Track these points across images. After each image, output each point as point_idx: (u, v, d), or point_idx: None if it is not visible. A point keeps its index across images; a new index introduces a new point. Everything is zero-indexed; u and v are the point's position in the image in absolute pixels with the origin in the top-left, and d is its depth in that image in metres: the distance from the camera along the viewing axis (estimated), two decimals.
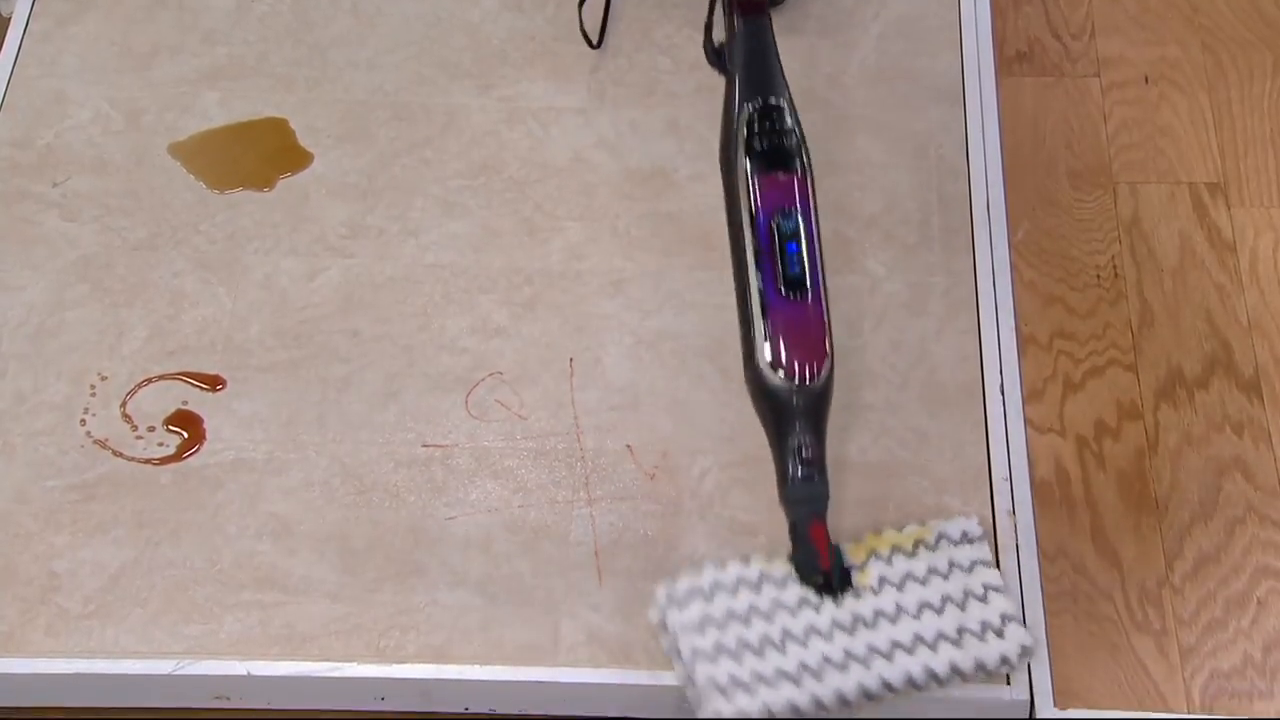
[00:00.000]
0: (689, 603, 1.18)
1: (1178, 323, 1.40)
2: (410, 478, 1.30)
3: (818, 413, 1.17)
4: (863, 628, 1.17)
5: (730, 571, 1.20)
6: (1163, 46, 1.60)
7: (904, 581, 1.19)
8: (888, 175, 1.48)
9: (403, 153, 1.51)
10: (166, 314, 1.39)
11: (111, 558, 1.25)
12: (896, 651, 1.16)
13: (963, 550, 1.22)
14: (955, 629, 1.17)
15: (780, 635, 1.16)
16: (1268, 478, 1.30)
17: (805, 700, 1.13)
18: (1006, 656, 1.16)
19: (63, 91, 1.55)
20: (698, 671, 1.15)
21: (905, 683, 1.15)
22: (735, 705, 1.13)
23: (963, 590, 1.19)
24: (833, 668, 1.15)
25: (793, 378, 1.16)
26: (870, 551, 1.21)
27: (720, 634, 1.16)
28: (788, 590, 1.19)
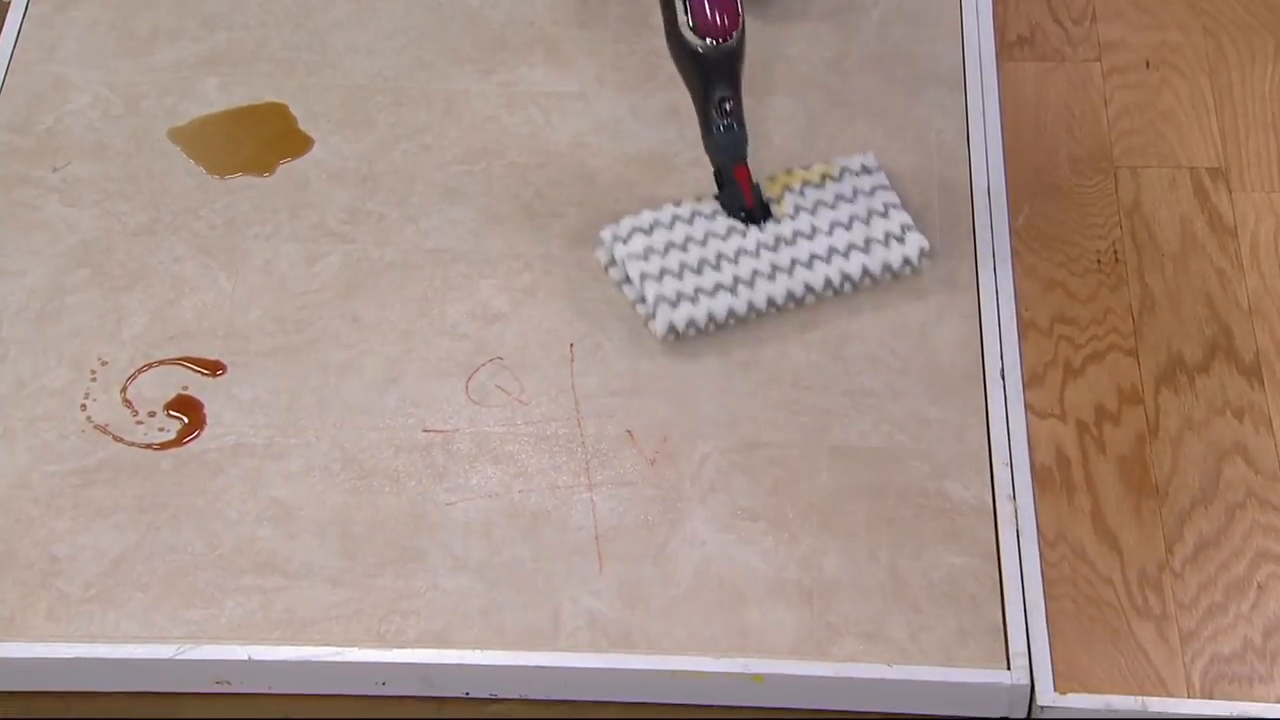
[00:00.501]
0: (632, 238, 1.37)
1: (1178, 307, 1.40)
2: (411, 463, 1.30)
3: (734, 69, 1.34)
4: (784, 245, 1.37)
5: (665, 211, 1.38)
6: (1164, 31, 1.59)
7: (816, 207, 1.39)
8: (888, 160, 1.47)
9: (403, 138, 1.50)
10: (167, 299, 1.39)
11: (112, 542, 1.25)
12: (815, 262, 1.36)
13: (864, 179, 1.41)
14: (863, 240, 1.37)
15: (715, 256, 1.36)
16: (1268, 462, 1.30)
17: (740, 305, 1.34)
18: (908, 258, 1.37)
19: (62, 76, 1.55)
20: (647, 290, 1.34)
21: (824, 285, 1.35)
22: (682, 313, 1.33)
23: (866, 210, 1.39)
24: (762, 278, 1.35)
25: (712, 38, 1.32)
26: (784, 186, 1.40)
27: (662, 260, 1.35)
28: (716, 222, 1.38)
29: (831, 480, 1.28)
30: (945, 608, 1.22)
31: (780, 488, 1.28)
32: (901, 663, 1.19)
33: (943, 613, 1.21)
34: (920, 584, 1.23)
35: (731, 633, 1.21)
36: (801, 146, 1.49)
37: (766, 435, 1.31)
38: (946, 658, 1.20)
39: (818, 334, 1.37)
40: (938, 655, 1.20)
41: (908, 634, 1.21)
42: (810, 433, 1.31)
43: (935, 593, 1.22)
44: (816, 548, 1.25)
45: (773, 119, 1.51)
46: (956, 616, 1.21)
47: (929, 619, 1.21)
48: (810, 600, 1.22)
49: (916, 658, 1.19)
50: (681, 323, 1.33)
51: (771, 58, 1.56)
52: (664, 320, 1.33)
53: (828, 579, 1.23)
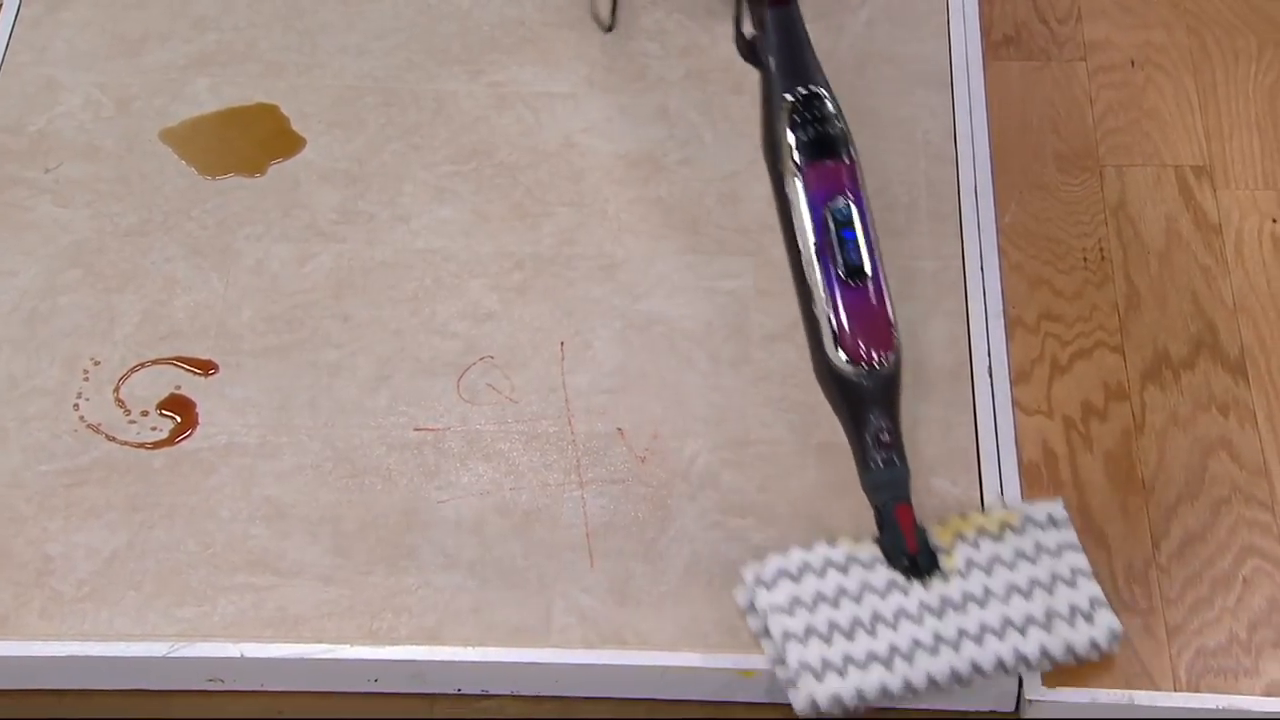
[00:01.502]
0: (777, 584, 1.18)
1: (1164, 304, 1.41)
2: (402, 461, 1.30)
3: (891, 397, 1.19)
4: (951, 611, 1.16)
5: (817, 553, 1.19)
6: (1148, 30, 1.61)
7: (991, 565, 1.19)
8: (876, 160, 1.48)
9: (393, 138, 1.51)
10: (159, 299, 1.40)
11: (105, 541, 1.26)
12: (986, 635, 1.15)
13: (1049, 534, 1.21)
14: (1044, 613, 1.17)
15: (870, 617, 1.16)
16: (1253, 458, 1.31)
17: (896, 683, 1.13)
18: (1096, 641, 1.16)
19: (53, 78, 1.55)
20: (789, 653, 1.15)
21: (995, 666, 1.15)
22: (828, 687, 1.13)
23: (1050, 574, 1.18)
24: (923, 650, 1.15)
25: (864, 364, 1.18)
26: (956, 534, 1.21)
27: (810, 616, 1.16)
28: (875, 572, 1.18)
29: (820, 477, 1.29)
30: None
31: (769, 485, 1.29)
32: None
33: None
34: None
35: (721, 628, 1.22)
36: None
37: (755, 433, 1.32)
38: None
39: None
40: None
41: None
42: (799, 430, 1.32)
43: None
44: (805, 544, 1.25)
45: (760, 120, 1.51)
46: None
47: None
48: None
49: None
50: (826, 701, 1.13)
51: None
52: (806, 696, 1.13)
53: None
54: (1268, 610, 1.23)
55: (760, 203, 1.46)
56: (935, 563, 1.19)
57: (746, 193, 1.47)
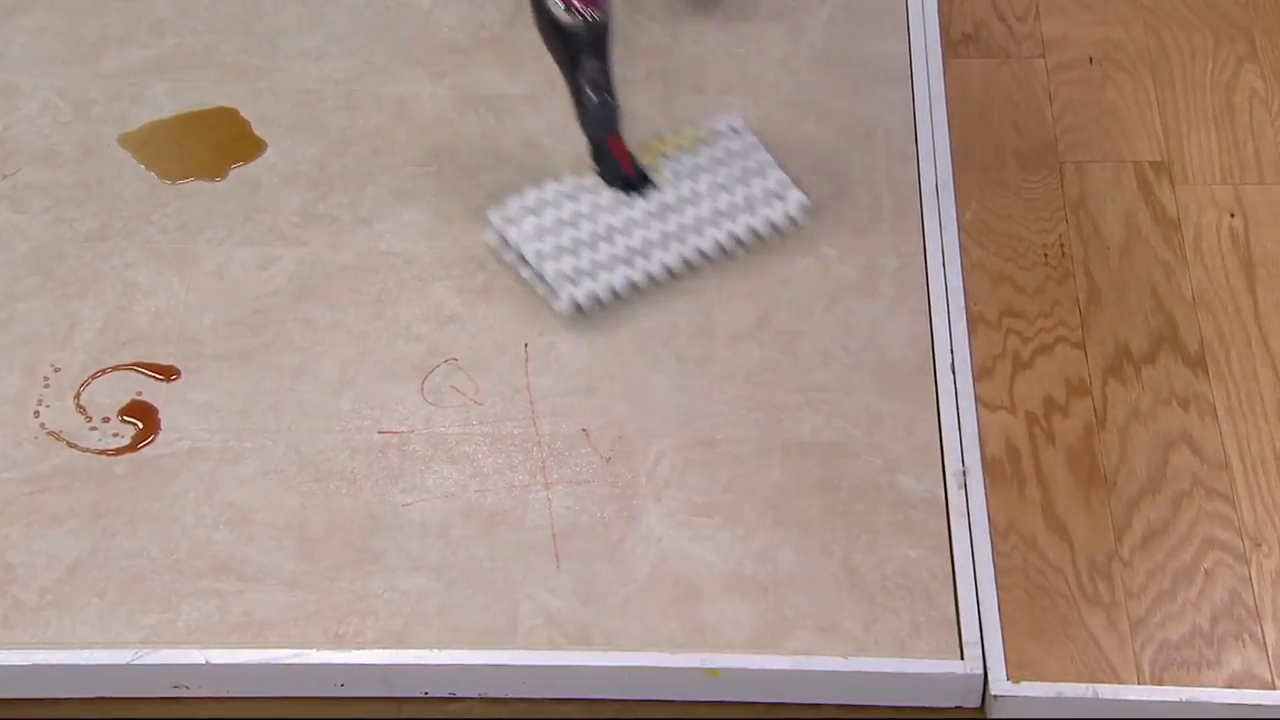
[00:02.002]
0: (522, 219, 1.39)
1: (1124, 300, 1.41)
2: (367, 464, 1.30)
3: (604, 44, 1.35)
4: (671, 213, 1.40)
5: (549, 189, 1.41)
6: (1106, 27, 1.62)
7: (694, 172, 1.43)
8: (837, 158, 1.49)
9: (354, 141, 1.51)
10: (119, 305, 1.39)
11: (67, 549, 1.25)
12: (704, 226, 1.39)
13: (735, 141, 1.45)
14: (745, 200, 1.41)
15: (606, 230, 1.39)
16: (1214, 451, 1.32)
17: (639, 276, 1.37)
18: (790, 214, 1.41)
19: (11, 83, 1.54)
20: (546, 270, 1.36)
21: (715, 248, 1.38)
22: (584, 288, 1.35)
23: (743, 170, 1.43)
24: (655, 247, 1.38)
25: (579, 15, 1.33)
26: (659, 153, 1.43)
27: (556, 238, 1.38)
28: (602, 195, 1.41)
29: (785, 475, 1.30)
30: (899, 600, 1.23)
31: (735, 484, 1.29)
32: (856, 655, 1.20)
33: (896, 605, 1.23)
34: (874, 577, 1.24)
35: (688, 628, 1.22)
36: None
37: (721, 432, 1.32)
38: (901, 649, 1.21)
39: (770, 330, 1.38)
40: (892, 647, 1.21)
41: (862, 626, 1.22)
42: (764, 429, 1.32)
43: (889, 585, 1.24)
44: (771, 542, 1.26)
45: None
46: (910, 608, 1.23)
47: (883, 611, 1.22)
48: (765, 594, 1.23)
49: (871, 650, 1.21)
50: (584, 299, 1.35)
51: (720, 57, 1.57)
52: (567, 297, 1.35)
53: (782, 573, 1.24)
54: (1229, 603, 1.24)
55: None
56: (648, 180, 1.41)
57: None
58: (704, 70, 1.57)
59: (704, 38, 1.59)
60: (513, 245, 1.38)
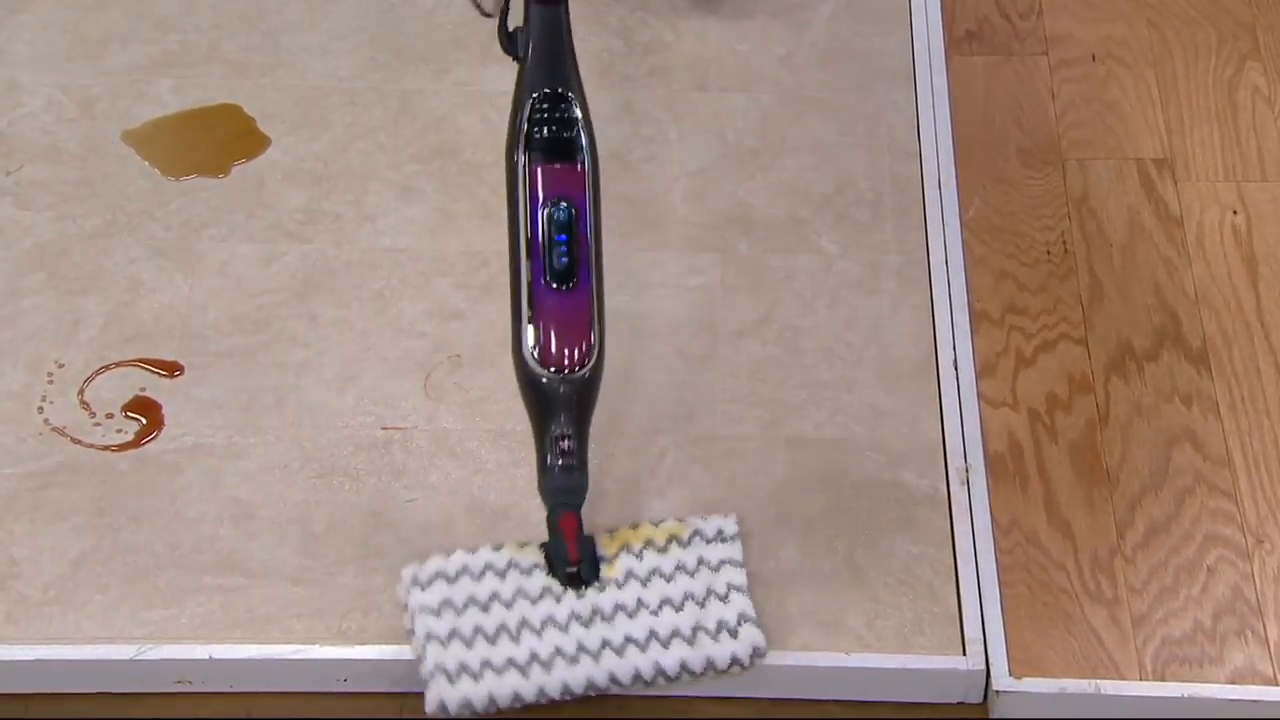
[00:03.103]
0: (432, 585, 1.19)
1: (1127, 297, 1.41)
2: (370, 460, 1.30)
3: (581, 405, 1.18)
4: (600, 621, 1.18)
5: (479, 556, 1.21)
6: (1109, 24, 1.62)
7: (650, 577, 1.20)
8: (840, 155, 1.49)
9: (358, 138, 1.51)
10: (123, 301, 1.39)
11: (71, 544, 1.25)
12: (629, 647, 1.17)
13: (714, 548, 1.22)
14: (691, 627, 1.18)
15: (517, 624, 1.17)
16: (1216, 448, 1.32)
17: (530, 690, 1.15)
18: (737, 657, 1.17)
19: (14, 80, 1.54)
20: (428, 655, 1.16)
21: (632, 678, 1.16)
22: (459, 691, 1.15)
23: (706, 589, 1.20)
24: (563, 659, 1.16)
25: (556, 369, 1.17)
26: (623, 545, 1.22)
27: (457, 619, 1.18)
28: (532, 579, 1.20)
29: (788, 472, 1.30)
30: (901, 596, 1.23)
31: (738, 480, 1.29)
32: (859, 651, 1.20)
33: (899, 601, 1.23)
34: (877, 573, 1.24)
35: None
36: (755, 142, 1.50)
37: (724, 428, 1.32)
38: (903, 645, 1.21)
39: (772, 327, 1.38)
40: (895, 643, 1.21)
41: (865, 622, 1.22)
42: (767, 425, 1.32)
43: (891, 581, 1.24)
44: (774, 538, 1.26)
45: (725, 115, 1.52)
46: (913, 604, 1.23)
47: (886, 607, 1.23)
48: (768, 590, 1.23)
49: (874, 645, 1.21)
50: (455, 704, 1.15)
51: (723, 54, 1.58)
52: (435, 698, 1.15)
53: (785, 569, 1.24)
54: (1231, 599, 1.24)
55: (727, 199, 1.46)
56: (596, 573, 1.20)
57: (713, 189, 1.47)
58: (706, 67, 1.57)
59: (706, 34, 1.59)
60: (409, 611, 1.19)
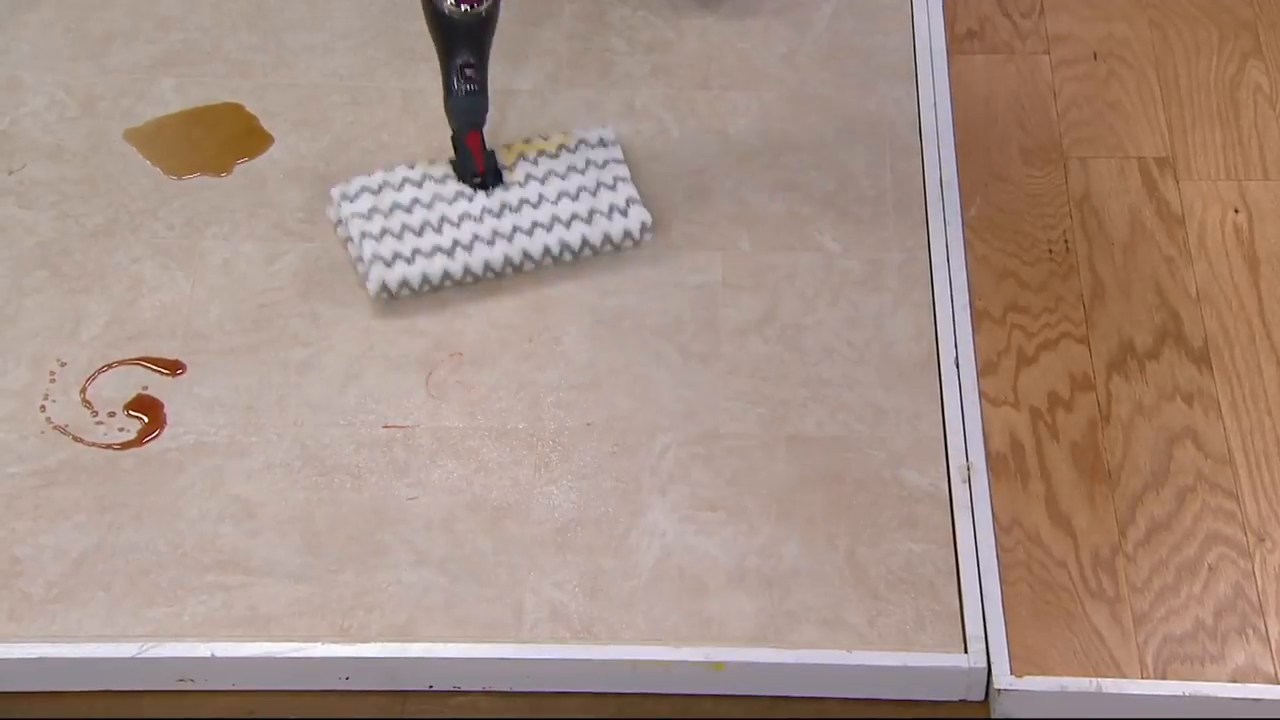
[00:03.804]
0: (359, 196, 1.40)
1: (1128, 295, 1.41)
2: (372, 459, 1.30)
3: (482, 36, 1.36)
4: (509, 212, 1.39)
5: (397, 173, 1.41)
6: (1111, 23, 1.62)
7: (546, 176, 1.42)
8: (841, 153, 1.49)
9: (360, 136, 1.51)
10: (125, 299, 1.39)
11: (74, 543, 1.25)
12: (536, 229, 1.38)
13: (598, 151, 1.43)
14: (587, 211, 1.39)
15: (438, 219, 1.38)
16: (1218, 446, 1.32)
17: (456, 267, 1.36)
18: (629, 231, 1.39)
19: (17, 79, 1.54)
20: (364, 248, 1.36)
21: (542, 253, 1.37)
22: (395, 272, 1.35)
23: (595, 181, 1.41)
24: (481, 243, 1.37)
25: (460, 3, 1.33)
26: (519, 154, 1.43)
27: (385, 220, 1.38)
28: (447, 185, 1.41)
29: (790, 470, 1.30)
30: (903, 594, 1.23)
31: (739, 478, 1.29)
32: (860, 648, 1.21)
33: (900, 599, 1.23)
34: (878, 570, 1.24)
35: (692, 622, 1.22)
36: (756, 140, 1.50)
37: (725, 426, 1.32)
38: (905, 643, 1.21)
39: (774, 325, 1.38)
40: (896, 640, 1.21)
41: (866, 620, 1.22)
42: (768, 423, 1.32)
43: (893, 579, 1.24)
44: (775, 536, 1.26)
45: (727, 114, 1.53)
46: (914, 602, 1.23)
47: (887, 605, 1.23)
48: (770, 588, 1.23)
49: (875, 643, 1.21)
50: (394, 282, 1.35)
51: (724, 52, 1.58)
52: (376, 279, 1.35)
53: (787, 567, 1.25)
54: (1233, 597, 1.24)
55: (728, 197, 1.46)
56: (500, 178, 1.41)
57: (715, 187, 1.47)
58: (708, 65, 1.57)
59: (708, 33, 1.59)
60: (343, 221, 1.39)
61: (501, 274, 1.37)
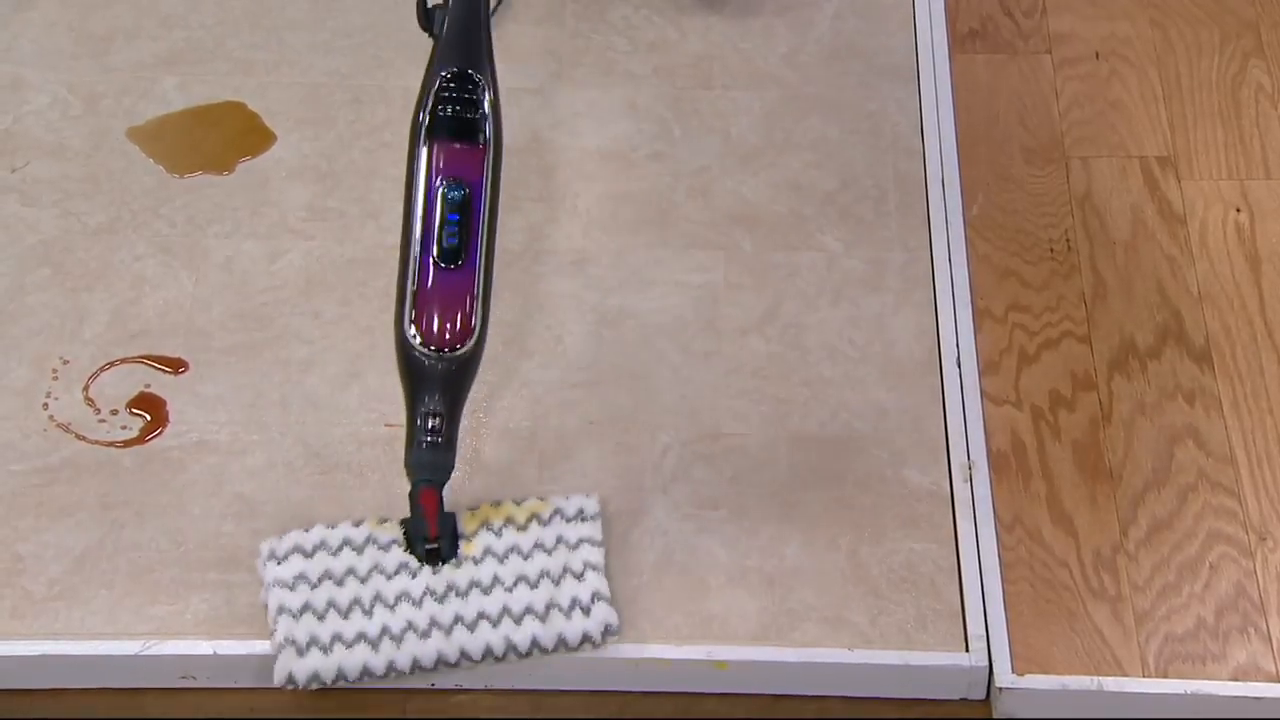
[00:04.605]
0: (289, 559, 1.21)
1: (1130, 294, 1.42)
2: (374, 457, 1.30)
3: (455, 384, 1.18)
4: (454, 596, 1.19)
5: (338, 532, 1.23)
6: (1113, 23, 1.62)
7: (507, 554, 1.22)
8: (843, 153, 1.49)
9: (362, 135, 1.51)
10: (128, 298, 1.39)
11: (76, 540, 1.25)
12: (481, 622, 1.18)
13: (574, 527, 1.24)
14: (545, 604, 1.19)
15: (371, 598, 1.19)
16: (1219, 445, 1.32)
17: (379, 664, 1.17)
18: (589, 634, 1.18)
19: (20, 77, 1.55)
20: (279, 628, 1.17)
21: (484, 653, 1.18)
22: (308, 663, 1.16)
23: (562, 567, 1.21)
24: (414, 634, 1.18)
25: (433, 346, 1.17)
26: (483, 522, 1.23)
27: (310, 593, 1.19)
28: (390, 554, 1.21)
29: (791, 469, 1.30)
30: (904, 592, 1.23)
31: (741, 477, 1.29)
32: (862, 647, 1.21)
33: (902, 597, 1.23)
34: (880, 569, 1.24)
35: (694, 620, 1.22)
36: (758, 140, 1.50)
37: (727, 425, 1.32)
38: (906, 641, 1.21)
39: (776, 324, 1.38)
40: (897, 639, 1.21)
41: (868, 619, 1.22)
42: (770, 422, 1.32)
43: (894, 578, 1.24)
44: (777, 535, 1.26)
45: (729, 114, 1.53)
46: (915, 601, 1.23)
47: (889, 604, 1.23)
48: (771, 587, 1.24)
49: (877, 642, 1.21)
50: (303, 676, 1.16)
51: (726, 52, 1.58)
52: (283, 668, 1.16)
53: (788, 566, 1.25)
54: (1234, 596, 1.24)
55: (730, 197, 1.47)
56: (455, 549, 1.21)
57: (716, 187, 1.47)
58: (710, 65, 1.57)
59: (710, 32, 1.59)
60: (265, 585, 1.20)
61: (434, 672, 1.18)
